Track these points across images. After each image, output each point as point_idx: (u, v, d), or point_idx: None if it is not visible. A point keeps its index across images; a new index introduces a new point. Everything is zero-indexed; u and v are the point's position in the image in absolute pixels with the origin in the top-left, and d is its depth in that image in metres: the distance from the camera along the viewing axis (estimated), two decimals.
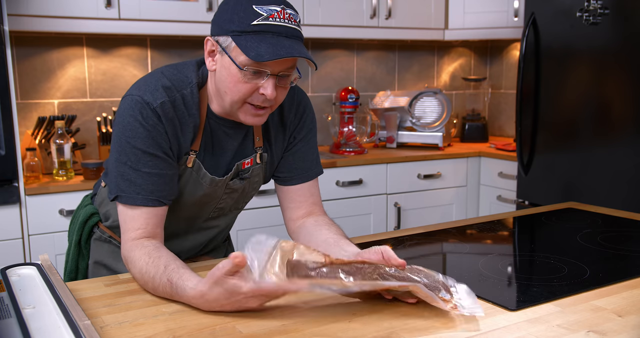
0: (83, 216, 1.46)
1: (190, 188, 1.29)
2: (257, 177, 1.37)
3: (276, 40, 1.11)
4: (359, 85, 3.54)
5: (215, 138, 1.28)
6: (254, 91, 1.16)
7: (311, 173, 1.41)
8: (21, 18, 2.35)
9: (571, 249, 1.42)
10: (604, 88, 2.51)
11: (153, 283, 1.09)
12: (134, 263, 1.15)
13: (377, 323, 0.98)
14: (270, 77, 1.14)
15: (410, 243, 1.48)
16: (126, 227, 1.20)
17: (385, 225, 3.00)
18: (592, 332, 0.94)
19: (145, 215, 1.20)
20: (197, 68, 1.27)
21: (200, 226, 1.41)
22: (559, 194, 2.70)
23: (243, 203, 1.44)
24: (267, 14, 1.11)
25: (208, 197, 1.32)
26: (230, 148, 1.31)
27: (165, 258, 1.11)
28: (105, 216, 1.43)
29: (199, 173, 1.27)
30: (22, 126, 2.67)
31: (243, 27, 1.12)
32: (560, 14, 2.64)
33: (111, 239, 1.43)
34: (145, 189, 1.19)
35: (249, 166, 1.34)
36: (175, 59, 2.98)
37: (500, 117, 3.83)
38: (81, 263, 1.47)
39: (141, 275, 1.12)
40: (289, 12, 1.14)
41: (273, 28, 1.11)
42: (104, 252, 1.44)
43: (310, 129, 1.41)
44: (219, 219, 1.43)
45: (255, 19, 1.11)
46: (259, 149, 1.34)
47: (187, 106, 1.22)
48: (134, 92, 1.21)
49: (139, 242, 1.17)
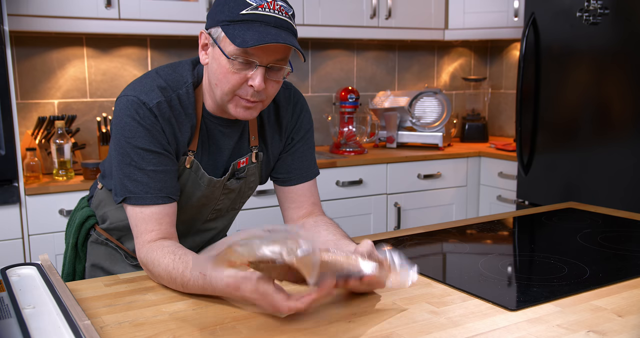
0: (80, 218, 1.45)
1: (189, 190, 1.28)
2: (252, 176, 1.37)
3: (263, 28, 1.10)
4: (359, 85, 3.54)
5: (211, 137, 1.28)
6: (243, 82, 1.16)
7: (310, 173, 1.41)
8: (21, 18, 2.35)
9: (571, 249, 1.42)
10: (604, 88, 2.51)
11: (182, 279, 1.08)
12: (157, 263, 1.12)
13: (377, 323, 0.98)
14: (259, 68, 1.14)
15: (410, 243, 1.48)
16: (139, 230, 1.19)
17: (385, 225, 3.00)
18: (592, 332, 0.94)
19: (157, 215, 1.19)
20: (192, 67, 1.26)
21: (198, 228, 1.40)
22: (559, 194, 2.70)
23: (240, 203, 1.43)
24: (256, 4, 1.11)
25: (206, 199, 1.32)
26: (227, 147, 1.30)
27: (192, 254, 1.11)
28: (102, 218, 1.42)
29: (197, 174, 1.27)
30: (22, 126, 2.67)
31: (232, 16, 1.12)
32: (560, 14, 2.64)
33: (108, 242, 1.42)
34: (154, 187, 1.18)
35: (244, 165, 1.33)
36: (175, 59, 2.98)
37: (500, 117, 3.83)
38: (78, 266, 1.46)
39: (168, 273, 1.10)
40: (280, 4, 1.13)
41: (261, 17, 1.11)
42: (101, 255, 1.43)
43: (307, 129, 1.40)
44: (217, 221, 1.42)
45: (244, 9, 1.11)
46: (254, 148, 1.34)
47: (183, 106, 1.22)
48: (129, 92, 1.20)
49: (158, 243, 1.16)
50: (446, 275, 1.24)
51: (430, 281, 1.20)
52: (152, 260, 1.14)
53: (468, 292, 1.12)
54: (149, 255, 1.15)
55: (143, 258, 1.17)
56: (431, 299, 1.09)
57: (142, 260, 1.18)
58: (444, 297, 1.11)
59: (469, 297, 1.10)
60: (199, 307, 1.06)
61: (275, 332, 0.95)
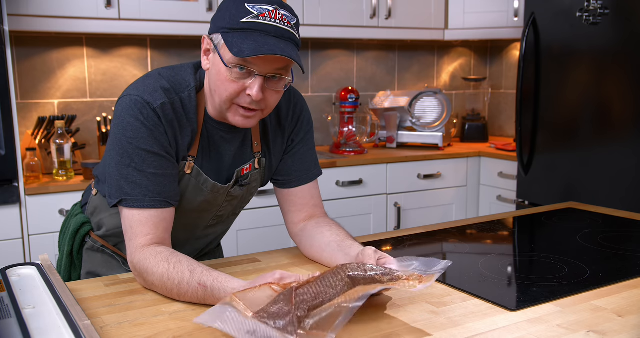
0: (74, 226, 1.41)
1: (190, 195, 1.26)
2: (255, 182, 1.35)
3: (262, 38, 1.08)
4: (359, 85, 3.54)
5: (212, 143, 1.26)
6: (241, 91, 1.14)
7: (311, 175, 1.38)
8: (21, 18, 2.35)
9: (571, 249, 1.42)
10: (604, 88, 2.51)
11: (179, 290, 1.06)
12: (151, 272, 1.10)
13: (377, 323, 0.98)
14: (257, 78, 1.12)
15: (410, 243, 1.48)
16: (134, 233, 1.16)
17: (385, 225, 3.00)
18: (592, 332, 0.94)
19: (154, 218, 1.16)
20: (195, 71, 1.24)
21: (199, 234, 1.39)
22: (559, 194, 2.70)
23: (240, 208, 1.42)
24: (257, 13, 1.09)
25: (208, 204, 1.29)
26: (228, 153, 1.28)
27: (187, 263, 1.09)
28: (98, 225, 1.39)
29: (199, 180, 1.24)
30: (22, 126, 2.67)
31: (232, 24, 1.10)
32: (560, 14, 2.64)
33: (104, 249, 1.40)
34: (153, 191, 1.15)
35: (248, 172, 1.31)
36: (175, 58, 2.98)
37: (500, 117, 3.83)
38: (74, 273, 1.43)
39: (163, 283, 1.08)
40: (282, 13, 1.11)
41: (261, 26, 1.09)
42: (97, 262, 1.40)
43: (307, 130, 1.38)
44: (217, 226, 1.41)
45: (245, 17, 1.09)
46: (257, 154, 1.32)
47: (185, 110, 1.19)
48: (132, 92, 1.17)
49: (152, 249, 1.13)
50: (446, 275, 1.24)
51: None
52: (146, 269, 1.11)
53: (468, 292, 1.12)
54: (143, 262, 1.12)
55: (136, 264, 1.14)
56: (431, 299, 1.09)
57: (134, 265, 1.15)
58: (444, 297, 1.11)
59: (469, 297, 1.10)
60: (198, 307, 1.06)
61: None
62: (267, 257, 1.37)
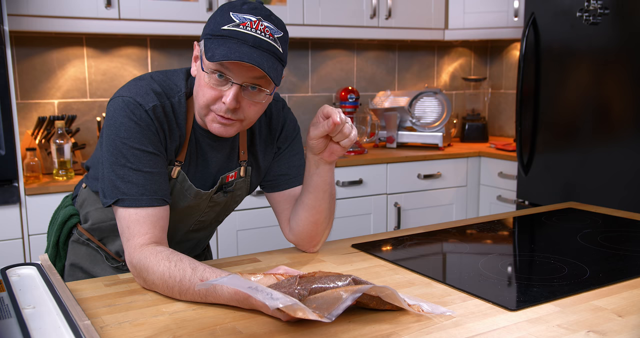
0: (62, 217, 1.43)
1: (174, 199, 1.26)
2: (240, 190, 1.36)
3: (237, 46, 1.09)
4: (359, 85, 3.54)
5: (199, 150, 1.26)
6: (218, 98, 1.14)
7: (299, 179, 1.38)
8: (21, 18, 2.35)
9: (571, 249, 1.42)
10: (604, 88, 2.51)
11: (180, 287, 1.06)
12: (151, 270, 1.10)
13: (377, 324, 0.98)
14: (233, 86, 1.12)
15: (410, 243, 1.48)
16: (131, 232, 1.15)
17: (385, 225, 3.00)
18: (592, 332, 0.94)
19: (151, 217, 1.16)
20: (186, 77, 1.25)
21: (180, 239, 1.39)
22: (559, 194, 2.70)
23: (224, 216, 1.42)
24: (239, 22, 1.10)
25: (190, 209, 1.30)
26: (215, 160, 1.29)
27: (188, 261, 1.09)
28: (85, 218, 1.40)
29: (183, 185, 1.25)
30: (22, 126, 2.67)
31: (214, 31, 1.11)
32: (560, 14, 2.64)
33: (89, 242, 1.40)
34: (149, 189, 1.16)
35: (233, 179, 1.32)
36: (175, 58, 2.98)
37: (500, 117, 3.83)
38: (58, 264, 1.44)
39: (164, 281, 1.08)
40: (265, 25, 1.11)
41: (239, 35, 1.09)
42: (81, 255, 1.41)
43: (293, 137, 1.39)
44: (199, 232, 1.41)
45: (227, 25, 1.10)
46: (243, 162, 1.33)
47: (175, 114, 1.20)
48: (124, 93, 1.18)
49: (151, 248, 1.13)
50: (446, 275, 1.24)
51: (430, 281, 1.20)
52: (147, 268, 1.11)
53: (468, 292, 1.12)
54: (144, 261, 1.11)
55: (136, 263, 1.13)
56: (431, 299, 1.09)
57: (134, 265, 1.14)
58: (444, 297, 1.11)
59: (469, 297, 1.10)
60: (199, 307, 1.06)
61: (275, 332, 0.95)
62: (267, 257, 1.37)
